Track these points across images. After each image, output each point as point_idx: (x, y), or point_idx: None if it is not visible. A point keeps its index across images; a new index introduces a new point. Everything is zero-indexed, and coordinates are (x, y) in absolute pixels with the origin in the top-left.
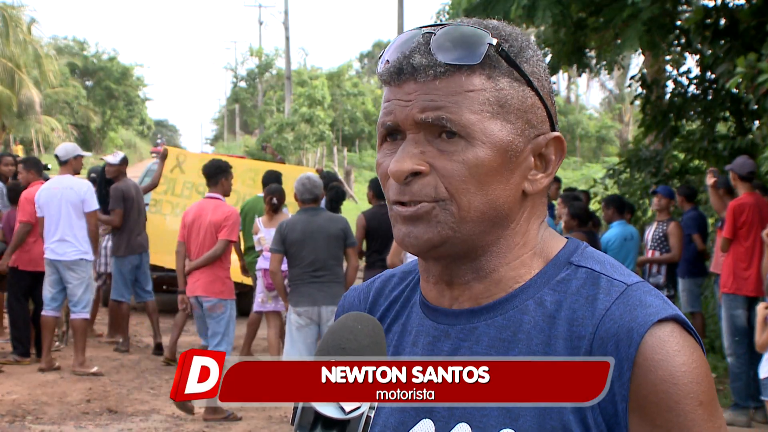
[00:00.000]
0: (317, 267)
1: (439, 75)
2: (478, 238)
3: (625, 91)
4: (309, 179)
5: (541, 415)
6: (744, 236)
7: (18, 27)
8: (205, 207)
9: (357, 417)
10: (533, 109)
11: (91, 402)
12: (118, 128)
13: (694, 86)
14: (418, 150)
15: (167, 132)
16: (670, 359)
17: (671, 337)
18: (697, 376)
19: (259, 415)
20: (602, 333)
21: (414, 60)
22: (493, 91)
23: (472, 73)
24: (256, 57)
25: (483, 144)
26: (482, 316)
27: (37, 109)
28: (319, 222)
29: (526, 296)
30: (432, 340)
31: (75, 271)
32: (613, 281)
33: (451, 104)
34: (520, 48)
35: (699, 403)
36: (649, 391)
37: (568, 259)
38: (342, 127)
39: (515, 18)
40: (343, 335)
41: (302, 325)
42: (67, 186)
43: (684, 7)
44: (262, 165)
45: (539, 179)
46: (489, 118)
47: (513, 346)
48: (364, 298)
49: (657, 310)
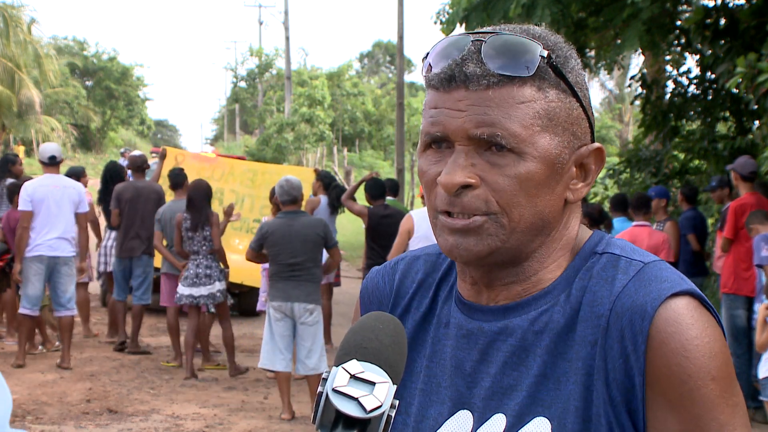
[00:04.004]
0: (294, 267)
1: (492, 85)
2: (524, 247)
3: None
4: (288, 182)
5: (567, 399)
6: (745, 236)
7: (18, 27)
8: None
9: (378, 416)
10: (578, 121)
11: (91, 402)
12: (118, 128)
13: (694, 86)
14: (469, 162)
15: (167, 132)
16: (683, 332)
17: (686, 310)
18: (710, 351)
19: (259, 415)
20: (618, 308)
21: (467, 68)
22: (543, 102)
23: (524, 84)
24: (256, 57)
25: (533, 158)
26: (517, 312)
27: (37, 109)
28: (298, 226)
29: (558, 291)
30: (467, 334)
31: (69, 267)
32: (631, 261)
33: (503, 118)
34: (565, 58)
35: (711, 378)
36: (662, 364)
37: (593, 249)
38: (342, 127)
39: (514, 17)
40: (365, 335)
41: (278, 318)
42: (68, 185)
43: (684, 7)
44: (260, 166)
45: (580, 188)
46: (539, 131)
47: (545, 338)
48: (389, 279)
49: (672, 285)
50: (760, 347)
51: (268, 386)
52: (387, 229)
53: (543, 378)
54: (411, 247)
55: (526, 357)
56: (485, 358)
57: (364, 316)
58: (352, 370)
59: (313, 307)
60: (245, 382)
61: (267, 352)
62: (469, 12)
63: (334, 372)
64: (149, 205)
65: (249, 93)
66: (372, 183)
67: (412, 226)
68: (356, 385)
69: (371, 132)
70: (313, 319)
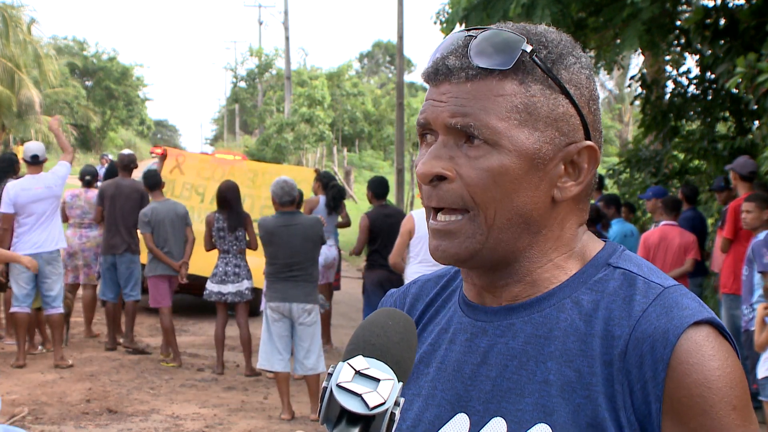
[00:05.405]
0: (292, 267)
1: (471, 77)
2: (509, 245)
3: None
4: (286, 182)
5: (575, 411)
6: (745, 236)
7: (18, 27)
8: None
9: (382, 413)
10: (565, 118)
11: (91, 402)
12: (118, 128)
13: (693, 86)
14: (447, 155)
15: (167, 132)
16: (706, 363)
17: (707, 340)
18: (731, 381)
19: (258, 416)
20: (638, 334)
21: (449, 61)
22: (524, 97)
23: (504, 78)
24: (256, 57)
25: (509, 152)
26: (519, 313)
27: (37, 109)
28: (296, 226)
29: (563, 295)
30: (470, 337)
31: (53, 266)
32: (650, 283)
33: (479, 110)
34: (560, 55)
35: (733, 407)
36: (683, 394)
37: (606, 260)
38: (342, 127)
39: (514, 17)
40: (374, 331)
41: (276, 318)
42: (50, 185)
43: (684, 7)
44: (261, 166)
45: (569, 187)
46: (516, 125)
47: (549, 343)
48: (401, 303)
49: (693, 312)
50: (759, 347)
51: (267, 386)
52: (388, 229)
53: (546, 384)
54: (412, 247)
55: (527, 361)
56: (486, 361)
57: (376, 312)
58: (357, 366)
59: (311, 308)
60: (245, 382)
61: (265, 352)
62: (468, 12)
63: (340, 367)
64: (129, 203)
65: (249, 93)
66: (377, 182)
67: (413, 226)
68: (361, 381)
69: (371, 132)
70: (311, 319)
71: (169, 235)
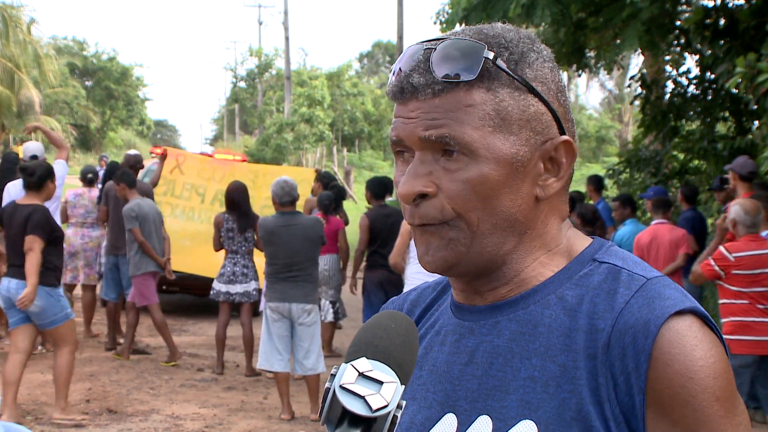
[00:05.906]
0: (292, 267)
1: (438, 93)
2: (495, 250)
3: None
4: (287, 183)
5: (560, 405)
6: None
7: (18, 27)
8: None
9: (384, 416)
10: (537, 116)
11: (91, 402)
12: (118, 128)
13: (693, 86)
14: (426, 170)
15: (167, 132)
16: (688, 353)
17: (689, 330)
18: (715, 371)
19: (258, 416)
20: (620, 326)
21: (413, 79)
22: (493, 104)
23: (471, 87)
24: (256, 57)
25: (487, 160)
26: (504, 311)
27: (37, 109)
28: (296, 226)
29: (548, 291)
30: (458, 338)
31: None
32: (633, 275)
33: (452, 121)
34: (521, 54)
35: (716, 398)
36: (665, 385)
37: (592, 256)
38: (342, 127)
39: (514, 17)
40: (377, 333)
41: (275, 319)
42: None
43: (684, 7)
44: (261, 167)
45: (550, 184)
46: (491, 132)
47: (533, 340)
48: (400, 310)
49: (674, 303)
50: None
51: (267, 386)
52: (387, 229)
53: (531, 381)
54: (412, 248)
55: (512, 358)
56: (473, 360)
57: (378, 314)
58: (361, 367)
59: (310, 308)
60: (245, 383)
61: (265, 352)
62: (468, 12)
63: (343, 368)
64: None
65: (249, 93)
66: (376, 182)
67: None
68: (364, 383)
69: (371, 132)
70: (311, 319)
71: (152, 232)
